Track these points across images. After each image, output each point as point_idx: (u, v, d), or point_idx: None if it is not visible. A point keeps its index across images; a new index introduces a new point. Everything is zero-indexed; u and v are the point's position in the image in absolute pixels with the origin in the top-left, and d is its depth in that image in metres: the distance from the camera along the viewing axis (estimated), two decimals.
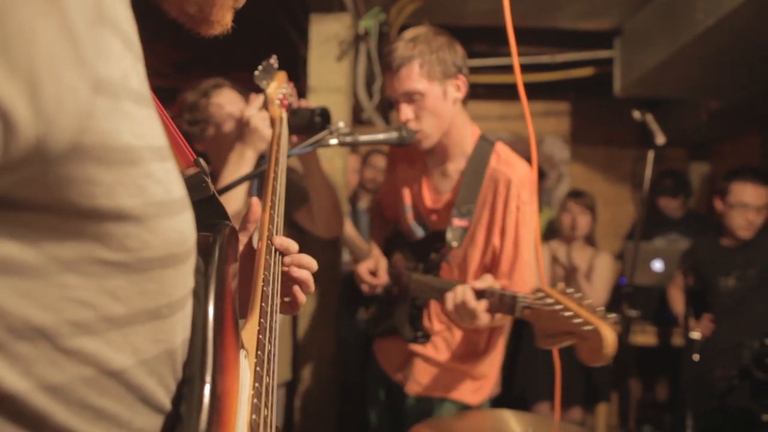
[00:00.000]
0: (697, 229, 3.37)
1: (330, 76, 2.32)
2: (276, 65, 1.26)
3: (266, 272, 0.67)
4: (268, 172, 0.87)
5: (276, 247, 0.74)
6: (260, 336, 0.57)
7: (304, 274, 0.78)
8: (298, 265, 0.78)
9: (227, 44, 1.14)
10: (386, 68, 1.49)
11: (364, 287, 1.73)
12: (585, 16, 2.95)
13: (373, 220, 1.97)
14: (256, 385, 0.51)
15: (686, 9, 2.35)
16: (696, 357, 2.42)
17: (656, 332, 3.27)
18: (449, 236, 1.50)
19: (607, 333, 1.04)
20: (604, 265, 3.05)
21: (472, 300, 1.29)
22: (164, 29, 0.66)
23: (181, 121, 1.66)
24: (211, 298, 0.48)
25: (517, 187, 1.45)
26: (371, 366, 1.83)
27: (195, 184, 0.63)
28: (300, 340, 2.24)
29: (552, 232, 3.54)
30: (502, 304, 1.26)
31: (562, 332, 1.13)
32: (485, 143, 1.55)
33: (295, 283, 0.79)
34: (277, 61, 1.26)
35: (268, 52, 1.26)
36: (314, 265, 0.79)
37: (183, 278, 0.44)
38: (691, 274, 2.86)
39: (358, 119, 3.19)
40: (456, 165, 1.58)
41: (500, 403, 2.56)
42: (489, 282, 1.33)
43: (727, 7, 2.05)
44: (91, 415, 0.38)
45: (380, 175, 3.33)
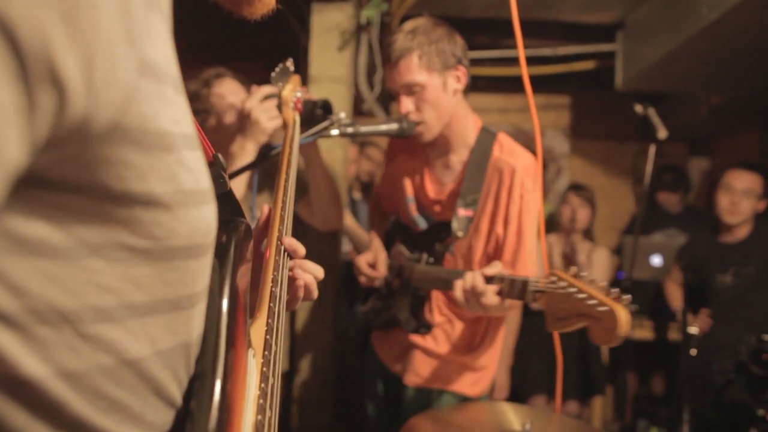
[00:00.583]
0: (696, 225, 3.38)
1: (331, 66, 2.30)
2: (292, 68, 1.26)
3: (275, 273, 0.66)
4: (280, 174, 0.87)
5: (285, 247, 0.74)
6: (267, 336, 0.57)
7: (308, 278, 0.77)
8: (303, 268, 0.77)
9: (228, 33, 1.13)
10: (386, 60, 1.49)
11: (362, 279, 1.73)
12: (587, 9, 2.94)
13: (371, 213, 1.97)
14: (262, 385, 0.51)
15: (690, 3, 2.34)
16: (693, 352, 2.43)
17: (653, 327, 3.28)
18: (455, 226, 1.50)
19: (621, 313, 1.06)
20: (602, 259, 3.05)
21: (482, 284, 1.29)
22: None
23: None
24: (225, 295, 0.48)
25: (521, 175, 1.46)
26: (368, 358, 1.84)
27: (213, 179, 0.63)
28: (298, 330, 2.24)
29: (549, 226, 3.54)
30: (513, 289, 1.26)
31: (574, 315, 1.14)
32: (487, 134, 1.55)
33: (297, 286, 0.78)
34: (293, 64, 1.26)
35: (269, 41, 1.26)
36: (320, 273, 0.78)
37: (203, 271, 0.44)
38: (688, 269, 2.87)
39: (358, 110, 3.18)
40: (458, 156, 1.57)
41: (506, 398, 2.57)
42: (498, 268, 1.33)
43: (731, 2, 2.04)
44: (106, 405, 0.37)
45: (375, 167, 3.32)
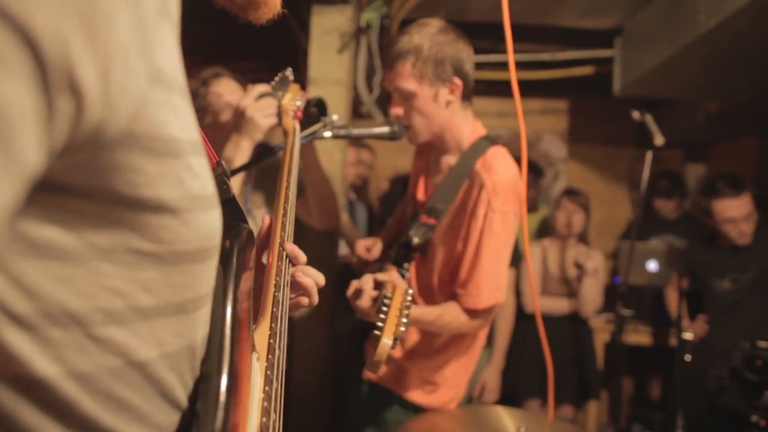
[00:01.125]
0: (692, 231, 3.39)
1: (330, 69, 2.31)
2: (291, 77, 1.28)
3: (278, 278, 0.67)
4: (281, 182, 0.88)
5: (287, 253, 0.74)
6: (271, 341, 0.57)
7: (308, 282, 0.77)
8: (305, 273, 0.77)
9: (228, 33, 1.14)
10: (385, 60, 1.48)
11: (353, 260, 1.74)
12: (586, 15, 2.95)
13: (399, 206, 1.94)
14: (266, 388, 0.51)
15: (688, 10, 2.35)
16: (688, 357, 2.43)
17: (649, 332, 3.29)
18: (411, 231, 1.48)
19: (383, 341, 1.10)
20: (597, 264, 3.06)
21: (368, 287, 1.30)
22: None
23: None
24: (229, 299, 0.49)
25: (489, 193, 1.39)
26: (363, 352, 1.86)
27: (217, 186, 0.64)
28: (295, 331, 2.24)
29: (545, 230, 3.55)
30: (378, 299, 1.27)
31: None
32: (483, 143, 1.49)
33: (299, 290, 0.78)
34: (292, 74, 1.27)
35: (269, 43, 1.27)
36: (321, 280, 0.78)
37: (208, 274, 0.45)
38: (686, 275, 2.88)
39: (357, 112, 3.19)
40: (448, 159, 1.55)
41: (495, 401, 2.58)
42: (392, 277, 1.33)
43: (729, 10, 2.05)
44: (114, 406, 0.38)
45: (366, 169, 3.34)
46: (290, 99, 1.25)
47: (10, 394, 0.34)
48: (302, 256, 0.77)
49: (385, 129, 1.47)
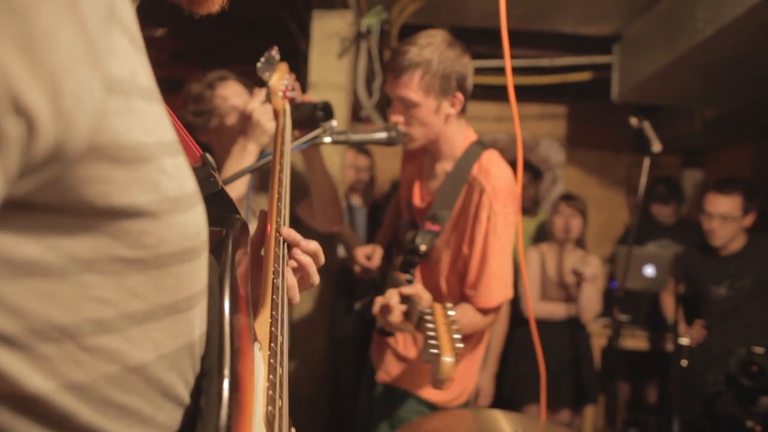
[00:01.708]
0: (689, 236, 3.40)
1: (330, 73, 2.32)
2: (278, 57, 1.24)
3: (276, 265, 0.66)
4: (274, 164, 0.87)
5: (283, 237, 0.73)
6: (272, 328, 0.58)
7: (306, 260, 0.76)
8: (303, 249, 0.77)
9: (227, 36, 1.14)
10: (391, 68, 1.50)
11: (356, 269, 1.76)
12: (585, 21, 2.97)
13: (387, 214, 1.97)
14: (271, 377, 0.52)
15: (686, 18, 2.37)
16: (684, 362, 2.44)
17: (646, 337, 3.30)
18: (418, 239, 1.53)
19: (444, 359, 1.10)
20: (595, 270, 3.07)
21: (395, 302, 1.33)
22: (163, 19, 0.65)
23: (185, 112, 1.67)
24: (226, 292, 0.49)
25: (490, 197, 1.45)
26: (368, 359, 1.87)
27: (202, 179, 0.63)
28: (294, 334, 2.25)
29: (543, 235, 3.56)
30: (413, 314, 1.28)
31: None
32: (476, 149, 1.55)
33: (299, 271, 0.77)
34: (278, 53, 1.25)
35: (268, 47, 1.26)
36: (321, 257, 0.78)
37: (198, 272, 0.45)
38: (682, 281, 2.89)
39: (357, 117, 3.20)
40: (444, 166, 1.60)
41: (491, 403, 2.58)
42: (417, 290, 1.36)
43: (727, 18, 2.07)
44: (115, 412, 0.39)
45: (365, 173, 3.36)
46: (278, 79, 1.22)
47: (6, 411, 0.34)
48: (299, 239, 0.76)
49: (383, 135, 1.50)
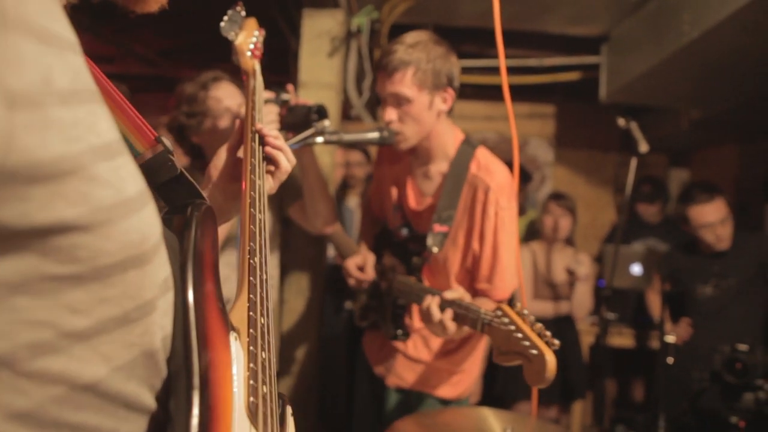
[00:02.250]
0: (674, 235, 3.45)
1: (321, 72, 2.32)
2: (243, 12, 1.17)
3: (252, 243, 0.64)
4: (245, 132, 0.85)
5: (257, 131, 0.81)
6: (251, 313, 0.55)
7: (275, 152, 0.85)
8: (273, 144, 0.86)
9: (217, 34, 1.13)
10: (381, 68, 1.50)
11: (351, 282, 1.76)
12: (574, 22, 2.99)
13: (363, 217, 1.99)
14: (251, 365, 0.50)
15: (673, 20, 2.40)
16: (670, 360, 2.48)
17: (633, 334, 3.34)
18: (430, 242, 1.54)
19: (549, 358, 1.10)
20: (588, 269, 3.10)
21: (437, 311, 1.32)
22: (151, 17, 0.65)
23: (178, 112, 1.65)
24: (189, 288, 0.46)
25: (496, 193, 1.49)
26: (359, 357, 1.87)
27: (160, 164, 0.61)
28: (284, 333, 2.25)
29: (533, 234, 3.58)
30: (466, 317, 1.29)
31: (513, 352, 1.16)
32: (467, 147, 1.58)
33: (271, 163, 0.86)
34: (243, 8, 1.17)
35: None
36: (289, 152, 0.88)
37: (150, 277, 0.42)
38: (669, 279, 2.93)
39: (347, 116, 3.20)
40: (438, 167, 1.61)
41: (481, 402, 2.60)
42: (460, 293, 1.35)
43: (713, 21, 2.10)
44: None
45: (359, 169, 3.36)
46: (245, 37, 1.15)
47: None
48: (266, 131, 0.85)
49: (375, 135, 1.50)
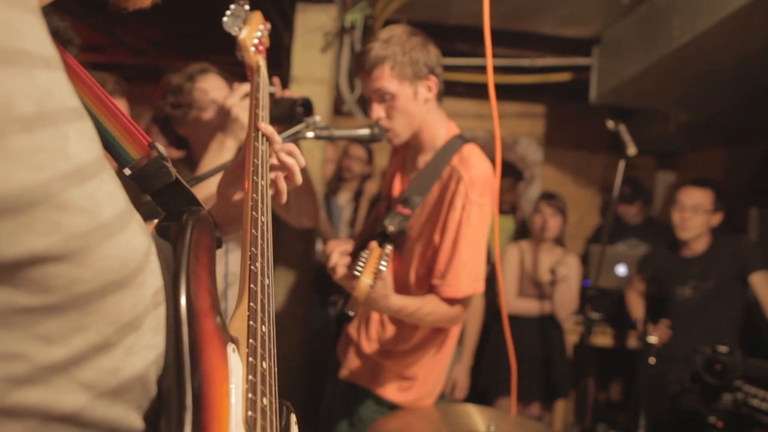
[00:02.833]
0: (655, 236, 3.50)
1: (313, 67, 2.32)
2: (247, 6, 1.13)
3: (253, 248, 0.62)
4: (249, 130, 0.83)
5: (263, 133, 0.75)
6: (251, 322, 0.54)
7: (291, 161, 0.79)
8: (288, 152, 0.79)
9: (210, 26, 1.11)
10: (361, 68, 1.50)
11: (324, 258, 1.76)
12: (565, 23, 3.01)
13: (371, 216, 1.96)
14: (250, 377, 0.48)
15: (663, 25, 2.42)
16: (652, 360, 2.51)
17: (614, 334, 3.38)
18: (386, 220, 1.50)
19: (363, 280, 1.21)
20: (573, 267, 3.13)
21: (335, 256, 1.38)
22: (145, 8, 0.64)
23: (164, 103, 1.64)
24: (181, 300, 0.44)
25: (466, 185, 1.44)
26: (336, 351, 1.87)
27: (155, 171, 0.61)
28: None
29: (523, 233, 3.61)
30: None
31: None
32: (457, 141, 1.55)
33: (279, 171, 0.80)
34: (247, 3, 1.12)
35: None
36: (301, 159, 0.81)
37: (131, 301, 0.40)
38: (649, 280, 2.97)
39: (339, 111, 3.20)
40: (425, 158, 1.60)
41: (467, 398, 2.62)
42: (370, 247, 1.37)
43: (702, 27, 2.12)
44: None
45: (357, 164, 3.37)
46: (250, 32, 1.10)
47: None
48: (278, 137, 0.79)
49: (365, 131, 1.50)
